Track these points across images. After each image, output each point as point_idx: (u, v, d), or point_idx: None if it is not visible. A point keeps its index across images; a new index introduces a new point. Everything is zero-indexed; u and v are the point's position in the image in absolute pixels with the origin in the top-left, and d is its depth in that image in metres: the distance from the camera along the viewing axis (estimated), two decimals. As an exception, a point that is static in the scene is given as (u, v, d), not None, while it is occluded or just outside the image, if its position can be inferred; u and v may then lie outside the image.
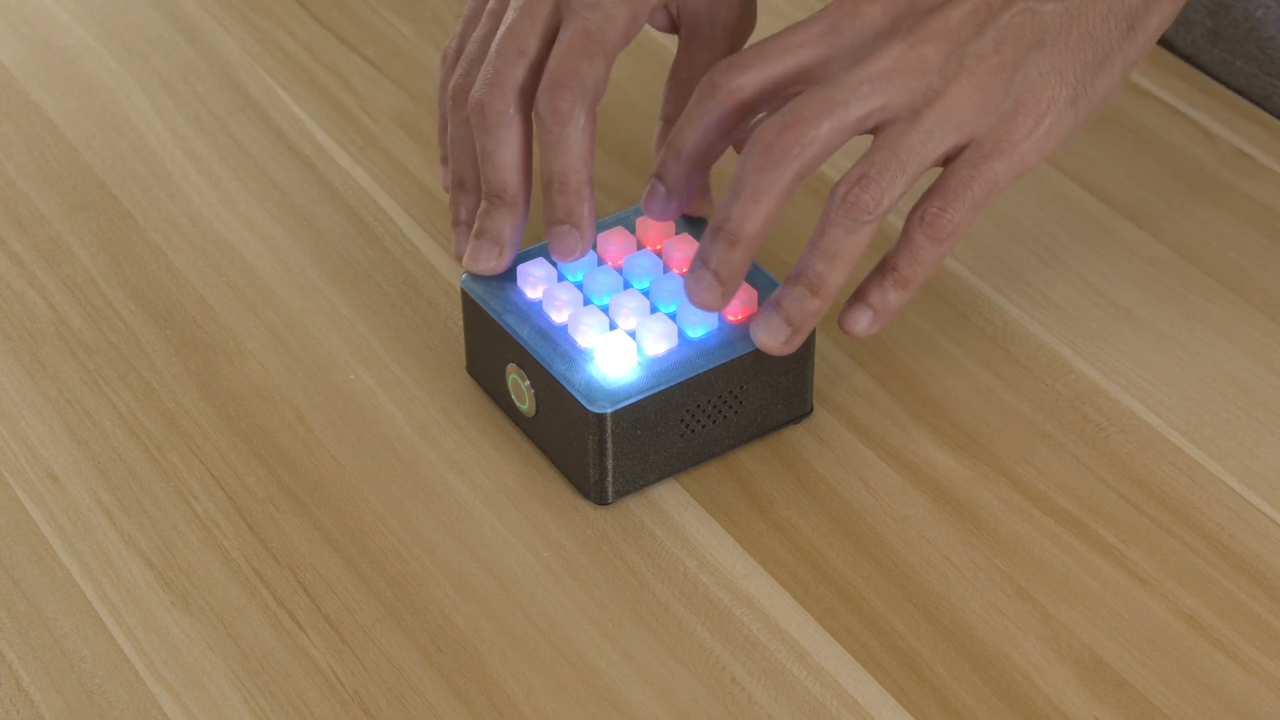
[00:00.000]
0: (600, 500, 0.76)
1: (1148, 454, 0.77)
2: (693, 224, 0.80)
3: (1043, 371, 0.81)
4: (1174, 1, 0.76)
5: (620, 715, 0.69)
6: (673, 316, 0.75)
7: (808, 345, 0.76)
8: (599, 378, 0.74)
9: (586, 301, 0.77)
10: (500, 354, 0.77)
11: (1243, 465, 0.77)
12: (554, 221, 0.76)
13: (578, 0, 0.76)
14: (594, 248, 0.79)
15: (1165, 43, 0.97)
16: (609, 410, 0.73)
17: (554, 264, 0.78)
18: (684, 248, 0.78)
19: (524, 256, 0.79)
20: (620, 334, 0.75)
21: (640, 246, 0.79)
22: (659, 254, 0.79)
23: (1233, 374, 0.81)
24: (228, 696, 0.69)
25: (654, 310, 0.76)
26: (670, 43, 0.98)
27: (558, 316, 0.76)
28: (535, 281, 0.77)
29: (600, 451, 0.74)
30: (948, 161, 0.74)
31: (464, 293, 0.78)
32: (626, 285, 0.77)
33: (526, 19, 0.77)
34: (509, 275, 0.78)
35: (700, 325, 0.75)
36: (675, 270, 0.78)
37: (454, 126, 0.79)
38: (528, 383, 0.76)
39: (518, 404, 0.77)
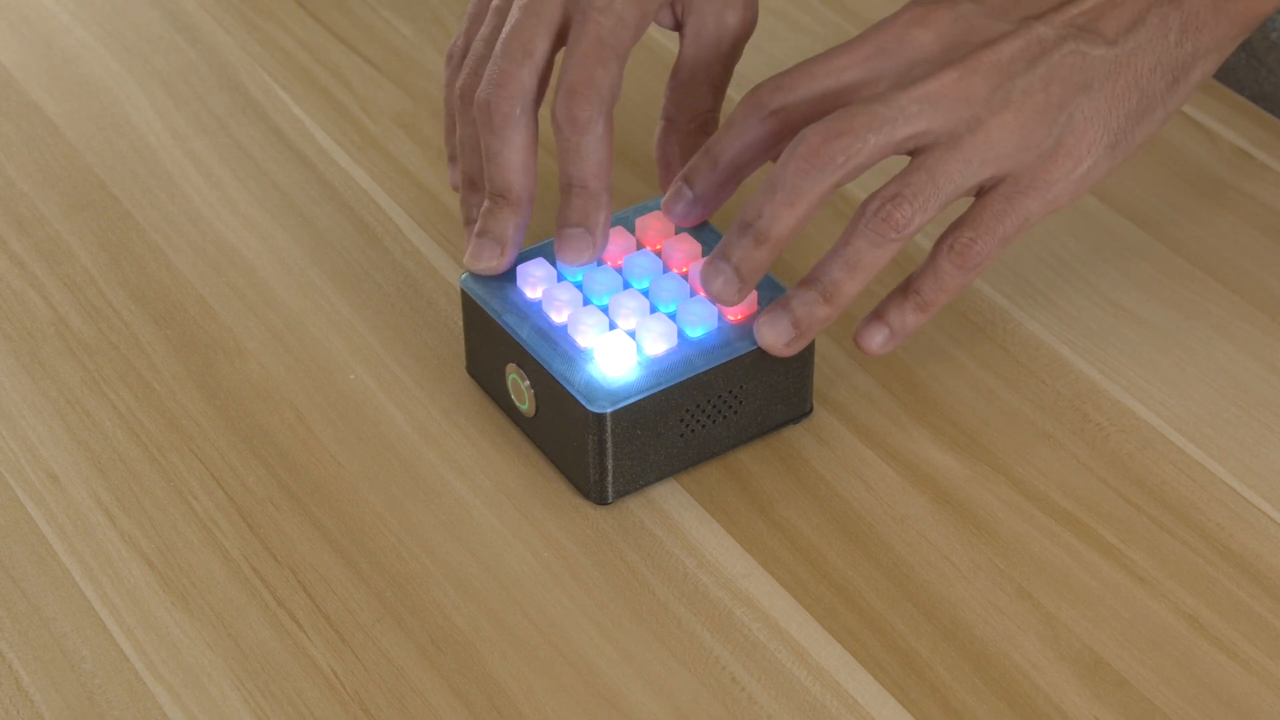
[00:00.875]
0: (600, 500, 0.76)
1: (1148, 454, 0.77)
2: (693, 224, 0.80)
3: (1043, 371, 0.81)
4: (1218, 57, 0.76)
5: (620, 715, 0.69)
6: (672, 316, 0.76)
7: (808, 345, 0.76)
8: (599, 378, 0.74)
9: (586, 301, 0.77)
10: (500, 354, 0.77)
11: (1243, 465, 0.77)
12: (567, 224, 0.76)
13: (588, 3, 0.76)
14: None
15: None
16: (609, 410, 0.73)
17: (554, 264, 0.78)
18: (684, 248, 0.78)
19: (524, 256, 0.79)
20: (620, 334, 0.75)
21: (640, 246, 0.79)
22: (659, 254, 0.79)
23: (1233, 374, 0.81)
24: (228, 696, 0.69)
25: (654, 310, 0.76)
26: (670, 42, 0.98)
27: (557, 316, 0.76)
28: (535, 281, 0.77)
29: (600, 451, 0.74)
30: (980, 192, 0.74)
31: (464, 293, 0.78)
32: (626, 285, 0.77)
33: (533, 18, 0.77)
34: (509, 275, 0.78)
35: (700, 325, 0.75)
36: (675, 270, 0.78)
37: (462, 126, 0.79)
38: (528, 383, 0.76)
39: (518, 404, 0.77)
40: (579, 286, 0.77)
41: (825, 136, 0.72)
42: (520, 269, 0.77)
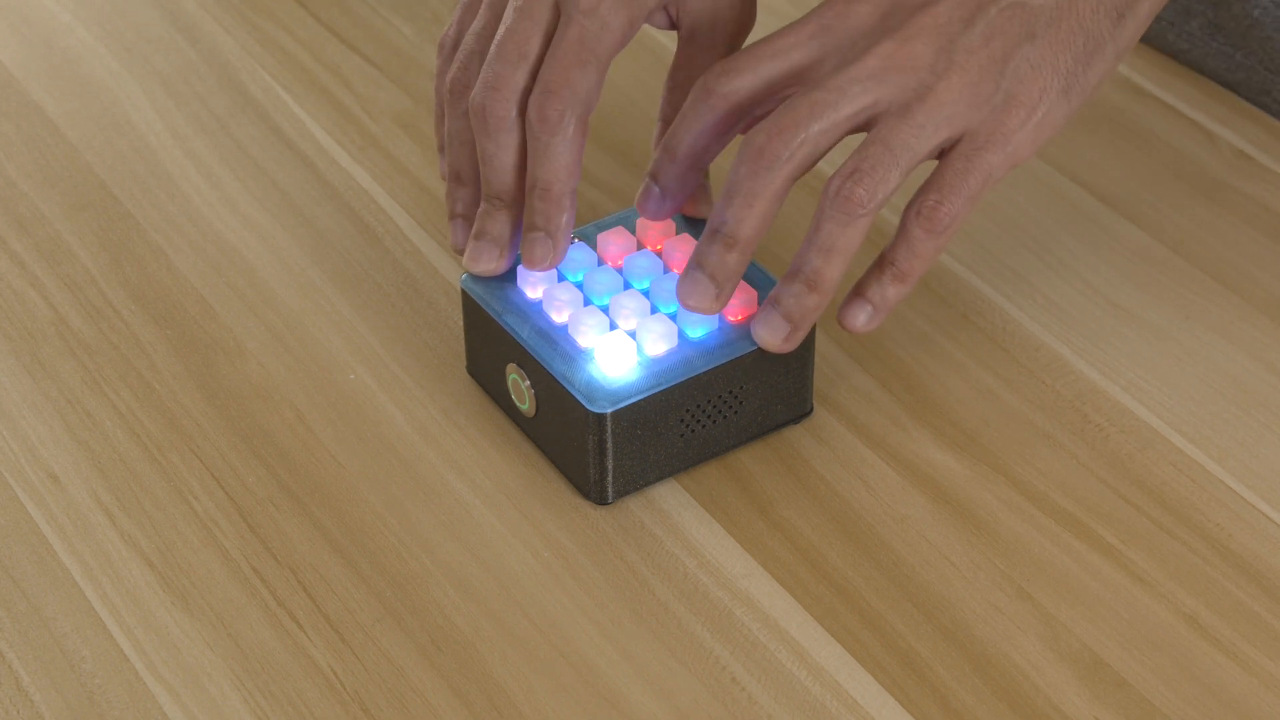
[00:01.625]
0: (600, 500, 0.76)
1: (1148, 454, 0.77)
2: (692, 224, 0.80)
3: (1043, 371, 0.81)
4: None
5: (620, 715, 0.69)
6: (673, 316, 0.76)
7: (808, 345, 0.76)
8: (599, 378, 0.74)
9: (586, 301, 0.77)
10: (500, 354, 0.77)
11: (1243, 465, 0.77)
12: (530, 228, 0.76)
13: (574, 5, 0.76)
14: (595, 250, 0.79)
15: (1164, 37, 0.97)
16: (609, 410, 0.73)
17: (554, 264, 0.78)
18: (684, 248, 0.78)
19: (524, 256, 0.79)
20: (620, 334, 0.75)
21: (640, 246, 0.79)
22: (659, 254, 0.79)
23: (1233, 374, 0.81)
24: (228, 696, 0.69)
25: (654, 310, 0.76)
26: (670, 42, 0.98)
27: (558, 316, 0.76)
28: (535, 281, 0.77)
29: (600, 451, 0.74)
30: (942, 155, 0.74)
31: (464, 293, 0.78)
32: (626, 285, 0.77)
33: (526, 20, 0.77)
34: (509, 275, 0.78)
35: (700, 325, 0.75)
36: (675, 270, 0.78)
37: (451, 120, 0.79)
38: (528, 383, 0.76)
39: (518, 404, 0.77)
40: (579, 286, 0.77)
41: (769, 134, 0.72)
42: (520, 269, 0.77)
